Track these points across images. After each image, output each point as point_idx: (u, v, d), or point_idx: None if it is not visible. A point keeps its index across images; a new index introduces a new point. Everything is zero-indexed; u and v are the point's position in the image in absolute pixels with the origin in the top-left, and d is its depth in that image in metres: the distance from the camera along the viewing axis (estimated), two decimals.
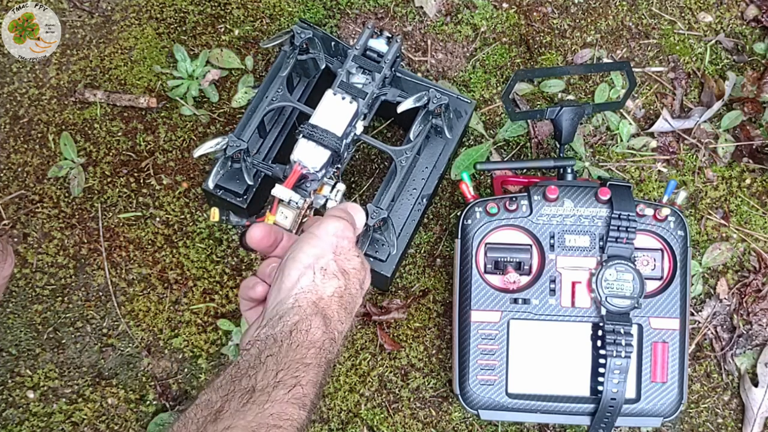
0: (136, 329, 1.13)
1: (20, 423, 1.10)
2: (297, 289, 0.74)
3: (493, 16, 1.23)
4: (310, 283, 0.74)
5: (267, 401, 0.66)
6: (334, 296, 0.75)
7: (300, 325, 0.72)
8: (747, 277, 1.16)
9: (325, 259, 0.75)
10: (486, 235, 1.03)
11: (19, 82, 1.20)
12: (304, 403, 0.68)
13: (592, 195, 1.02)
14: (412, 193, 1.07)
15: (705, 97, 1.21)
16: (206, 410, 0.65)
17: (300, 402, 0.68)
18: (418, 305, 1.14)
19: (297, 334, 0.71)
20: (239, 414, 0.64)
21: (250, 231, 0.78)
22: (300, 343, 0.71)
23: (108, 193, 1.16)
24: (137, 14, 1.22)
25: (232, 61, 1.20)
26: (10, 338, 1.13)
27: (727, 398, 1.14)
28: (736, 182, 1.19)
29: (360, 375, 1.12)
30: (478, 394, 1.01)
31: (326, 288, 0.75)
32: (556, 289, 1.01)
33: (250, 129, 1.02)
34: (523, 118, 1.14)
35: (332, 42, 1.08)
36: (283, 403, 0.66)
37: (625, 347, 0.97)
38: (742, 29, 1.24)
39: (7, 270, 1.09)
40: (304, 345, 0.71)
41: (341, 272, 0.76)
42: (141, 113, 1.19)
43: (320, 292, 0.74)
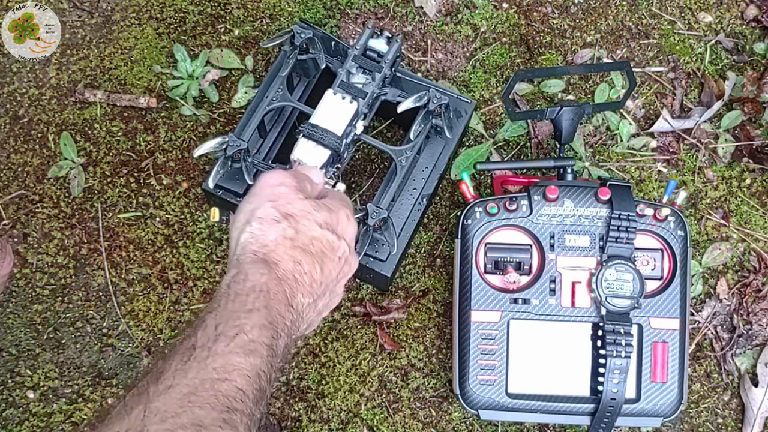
0: (136, 329, 1.13)
1: (20, 423, 1.10)
2: (239, 248, 0.72)
3: (493, 16, 1.23)
4: (249, 236, 0.72)
5: (208, 356, 0.63)
6: (279, 241, 0.72)
7: (237, 276, 0.69)
8: (747, 277, 1.16)
9: (262, 209, 0.74)
10: (486, 235, 1.03)
11: (19, 82, 1.20)
12: (252, 349, 0.65)
13: (592, 195, 1.02)
14: (412, 193, 1.07)
15: (705, 97, 1.21)
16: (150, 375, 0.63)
17: (245, 349, 0.65)
18: (418, 305, 1.14)
19: (235, 285, 0.69)
20: (180, 373, 0.62)
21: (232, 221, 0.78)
22: (238, 292, 0.68)
23: (108, 193, 1.16)
24: (137, 14, 1.22)
25: (232, 61, 1.20)
26: (10, 338, 1.13)
27: (727, 398, 1.14)
28: (736, 182, 1.19)
29: (360, 375, 1.12)
30: (478, 394, 1.01)
31: (267, 234, 0.72)
32: (556, 289, 1.01)
33: (250, 129, 1.02)
34: (523, 118, 1.14)
35: (332, 42, 1.08)
36: (226, 354, 0.64)
37: (625, 347, 0.97)
38: (742, 29, 1.24)
39: (6, 269, 1.10)
40: (243, 293, 0.68)
41: (284, 216, 0.74)
42: (141, 113, 1.19)
43: (261, 240, 0.72)
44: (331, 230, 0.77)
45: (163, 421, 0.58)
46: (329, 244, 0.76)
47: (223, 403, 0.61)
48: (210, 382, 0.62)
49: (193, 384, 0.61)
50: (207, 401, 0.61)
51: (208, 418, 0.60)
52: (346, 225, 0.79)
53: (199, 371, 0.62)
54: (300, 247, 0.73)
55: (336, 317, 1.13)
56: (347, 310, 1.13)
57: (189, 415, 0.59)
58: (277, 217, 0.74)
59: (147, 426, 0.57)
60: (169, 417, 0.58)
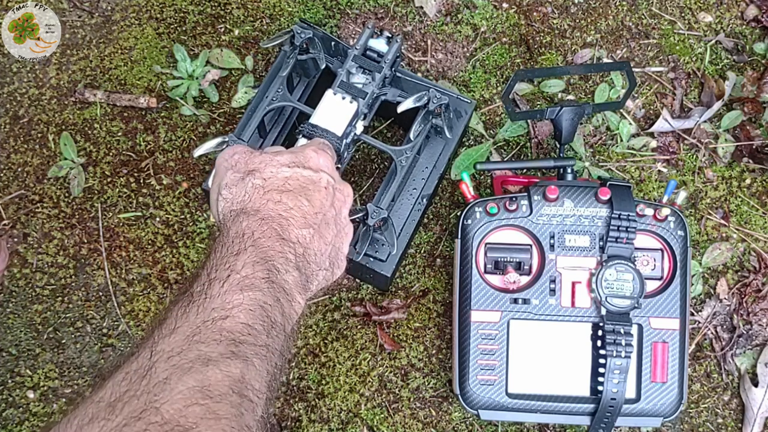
0: (136, 329, 1.13)
1: (20, 423, 1.10)
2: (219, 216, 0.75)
3: (493, 16, 1.23)
4: (223, 203, 0.75)
5: (205, 299, 0.65)
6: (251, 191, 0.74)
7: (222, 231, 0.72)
8: (747, 277, 1.16)
9: (225, 179, 0.76)
10: (486, 235, 1.03)
11: (19, 82, 1.20)
12: (247, 284, 0.66)
13: (592, 195, 1.02)
14: (412, 193, 1.07)
15: (705, 97, 1.21)
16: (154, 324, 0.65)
17: (240, 285, 0.66)
18: (418, 305, 1.14)
19: (220, 239, 0.71)
20: (181, 318, 0.63)
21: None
22: (222, 243, 0.70)
23: (108, 193, 1.16)
24: (137, 14, 1.22)
25: (232, 61, 1.20)
26: (10, 338, 1.13)
27: (727, 398, 1.14)
28: (736, 182, 1.19)
29: (360, 375, 1.12)
30: (478, 394, 1.01)
31: (237, 193, 0.75)
32: (556, 289, 1.01)
33: (250, 129, 1.02)
34: (523, 118, 1.14)
35: (332, 42, 1.08)
36: (222, 294, 0.65)
37: (625, 347, 0.97)
38: (742, 29, 1.24)
39: (1, 265, 1.10)
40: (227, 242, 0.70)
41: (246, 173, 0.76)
42: (141, 113, 1.19)
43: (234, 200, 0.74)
44: (302, 167, 0.78)
45: (169, 358, 0.59)
46: (307, 179, 0.77)
47: (228, 338, 0.62)
48: (212, 320, 0.63)
49: (195, 324, 0.62)
50: (211, 338, 0.62)
51: (214, 353, 0.60)
52: (317, 158, 0.80)
53: (199, 314, 0.64)
54: (275, 189, 0.75)
55: (336, 317, 1.13)
56: (347, 310, 1.13)
57: (195, 352, 0.60)
58: (241, 176, 0.76)
59: (155, 364, 0.58)
60: (175, 355, 0.59)
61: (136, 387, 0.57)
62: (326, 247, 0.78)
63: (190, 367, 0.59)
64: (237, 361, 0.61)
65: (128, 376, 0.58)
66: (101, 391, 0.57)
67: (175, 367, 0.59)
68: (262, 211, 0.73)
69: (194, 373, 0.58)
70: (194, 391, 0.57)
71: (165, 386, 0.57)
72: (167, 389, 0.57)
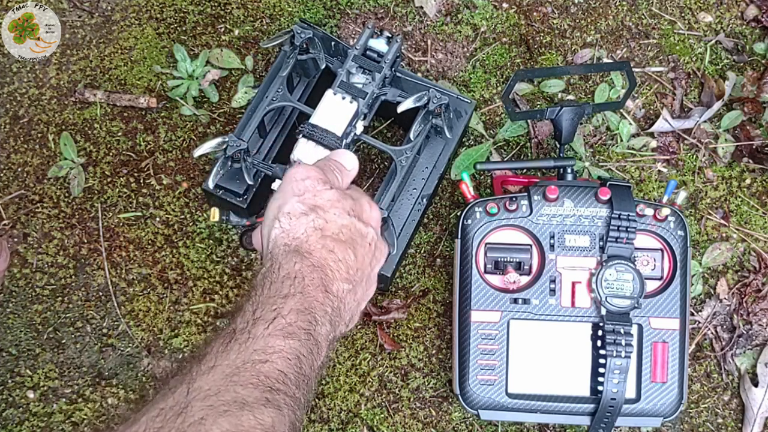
0: (136, 329, 1.13)
1: (20, 423, 1.10)
2: (271, 243, 0.73)
3: (493, 16, 1.23)
4: (279, 231, 0.73)
5: (248, 339, 0.65)
6: (309, 231, 0.73)
7: (272, 267, 0.71)
8: (747, 277, 1.16)
9: (289, 205, 0.75)
10: (486, 235, 1.03)
11: (19, 82, 1.20)
12: (290, 331, 0.66)
13: (592, 195, 1.02)
14: (412, 193, 1.07)
15: (705, 97, 1.21)
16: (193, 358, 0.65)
17: (284, 332, 0.66)
18: (418, 305, 1.14)
19: (270, 275, 0.70)
20: (221, 355, 0.63)
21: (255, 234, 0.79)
22: (273, 281, 0.69)
23: (108, 193, 1.16)
24: (137, 14, 1.22)
25: (232, 61, 1.20)
26: (10, 338, 1.13)
27: (727, 398, 1.14)
28: (736, 182, 1.19)
29: (360, 375, 1.12)
30: (478, 394, 1.01)
31: (297, 228, 0.73)
32: (556, 289, 1.01)
33: (250, 129, 1.02)
34: (523, 118, 1.14)
35: (332, 42, 1.08)
36: (265, 337, 0.65)
37: (625, 347, 0.97)
38: (742, 29, 1.24)
39: (2, 265, 1.10)
40: (279, 281, 0.69)
41: (311, 208, 0.75)
42: (141, 113, 1.19)
43: (292, 234, 0.73)
44: (357, 217, 0.78)
45: (206, 398, 0.59)
46: (358, 231, 0.77)
47: (265, 384, 0.62)
48: (251, 363, 0.63)
49: (234, 364, 0.63)
50: (249, 381, 0.62)
51: (250, 397, 0.61)
52: (370, 212, 0.80)
53: (240, 353, 0.64)
54: (330, 236, 0.74)
55: None
56: None
57: (232, 394, 0.60)
58: (305, 210, 0.75)
59: (191, 402, 0.59)
60: (212, 395, 0.60)
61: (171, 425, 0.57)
62: (355, 303, 0.79)
63: (226, 410, 0.59)
64: (270, 409, 0.61)
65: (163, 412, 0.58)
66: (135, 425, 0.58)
67: (211, 408, 0.59)
68: (314, 255, 0.73)
69: (229, 416, 0.59)
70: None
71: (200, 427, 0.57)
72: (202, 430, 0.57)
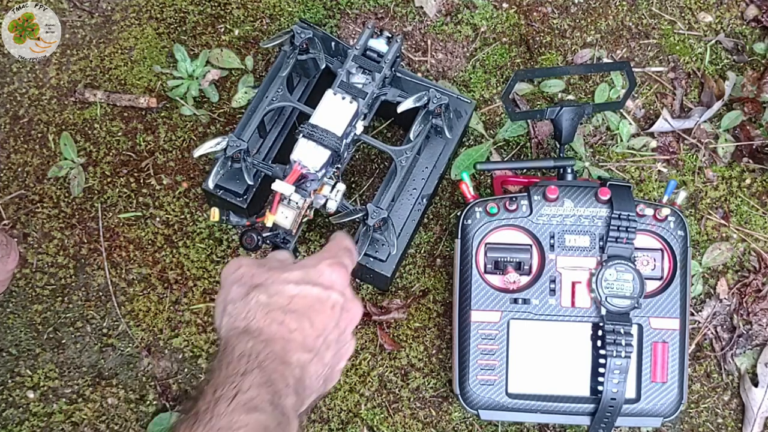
0: (136, 329, 1.13)
1: (20, 423, 1.10)
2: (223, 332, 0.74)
3: (493, 16, 1.23)
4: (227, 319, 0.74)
5: (211, 418, 0.64)
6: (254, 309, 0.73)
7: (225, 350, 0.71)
8: (747, 277, 1.16)
9: (231, 293, 0.75)
10: (486, 235, 1.03)
11: (19, 82, 1.20)
12: (253, 405, 0.66)
13: (592, 195, 1.02)
14: (412, 193, 1.07)
15: (705, 97, 1.21)
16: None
17: (247, 406, 0.66)
18: (418, 305, 1.14)
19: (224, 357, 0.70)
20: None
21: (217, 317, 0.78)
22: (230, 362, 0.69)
23: (108, 193, 1.16)
24: (137, 14, 1.22)
25: (232, 61, 1.20)
26: (10, 338, 1.13)
27: (727, 398, 1.14)
28: (736, 182, 1.19)
29: (360, 375, 1.12)
30: (478, 394, 1.01)
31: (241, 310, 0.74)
32: (556, 289, 1.01)
33: (250, 129, 1.02)
34: (523, 118, 1.14)
35: (332, 42, 1.08)
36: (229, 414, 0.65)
37: (625, 347, 0.97)
38: (742, 29, 1.24)
39: (11, 264, 1.09)
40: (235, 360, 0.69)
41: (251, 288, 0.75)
42: (141, 113, 1.19)
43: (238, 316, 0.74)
44: (311, 284, 0.76)
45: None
46: (314, 298, 0.75)
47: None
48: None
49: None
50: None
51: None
52: (329, 274, 0.78)
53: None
54: (278, 309, 0.74)
55: None
56: None
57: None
58: (246, 291, 0.75)
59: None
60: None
61: None
62: (323, 369, 0.78)
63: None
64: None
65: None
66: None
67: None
68: (264, 332, 0.72)
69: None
70: None
71: None
72: None
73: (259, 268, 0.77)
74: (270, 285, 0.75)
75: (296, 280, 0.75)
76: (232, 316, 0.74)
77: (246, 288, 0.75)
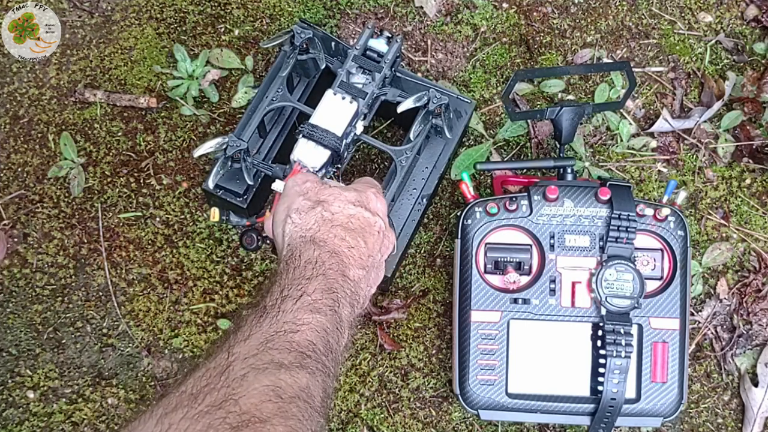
0: (136, 329, 1.13)
1: (20, 423, 1.10)
2: (287, 238, 0.80)
3: (493, 16, 1.23)
4: (292, 226, 0.80)
5: (279, 312, 0.71)
6: (319, 223, 0.79)
7: (292, 255, 0.77)
8: (747, 277, 1.16)
9: (296, 203, 0.81)
10: (486, 235, 1.03)
11: (19, 82, 1.20)
12: (316, 307, 0.72)
13: (592, 195, 1.02)
14: (412, 193, 1.07)
15: (705, 97, 1.21)
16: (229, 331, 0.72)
17: (311, 307, 0.72)
18: (418, 305, 1.14)
19: (291, 262, 0.76)
20: (256, 327, 0.69)
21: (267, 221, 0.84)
22: (296, 266, 0.76)
23: (108, 193, 1.16)
24: (137, 14, 1.22)
25: (232, 61, 1.20)
26: (10, 338, 1.13)
27: (727, 398, 1.14)
28: (736, 182, 1.19)
29: (360, 375, 1.12)
30: (478, 394, 1.01)
31: (307, 221, 0.80)
32: (556, 289, 1.01)
33: (250, 129, 1.02)
34: (523, 118, 1.14)
35: (332, 42, 1.08)
36: (294, 311, 0.71)
37: (625, 347, 0.97)
38: (742, 29, 1.24)
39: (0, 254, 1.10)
40: (301, 266, 0.76)
41: (316, 203, 0.81)
42: (141, 113, 1.19)
43: (304, 226, 0.79)
44: (364, 207, 0.83)
45: (246, 359, 0.65)
46: (366, 220, 0.82)
47: (297, 350, 0.68)
48: (283, 332, 0.69)
49: (268, 333, 0.69)
50: (283, 347, 0.68)
51: (286, 360, 0.66)
52: (375, 202, 0.86)
53: (272, 324, 0.70)
54: (340, 225, 0.80)
55: None
56: None
57: (268, 356, 0.66)
58: (311, 205, 0.81)
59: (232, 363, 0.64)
60: (250, 357, 0.65)
61: (216, 381, 0.62)
62: (368, 289, 0.85)
63: (266, 368, 0.64)
64: (304, 371, 0.67)
65: (208, 372, 0.64)
66: (182, 385, 0.63)
67: (252, 366, 0.64)
68: (329, 244, 0.79)
69: (269, 374, 0.64)
70: (268, 390, 0.63)
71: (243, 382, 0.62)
72: (245, 385, 0.62)
73: (322, 185, 0.84)
74: (333, 202, 0.82)
75: (353, 201, 0.83)
76: (297, 225, 0.80)
77: (312, 202, 0.81)
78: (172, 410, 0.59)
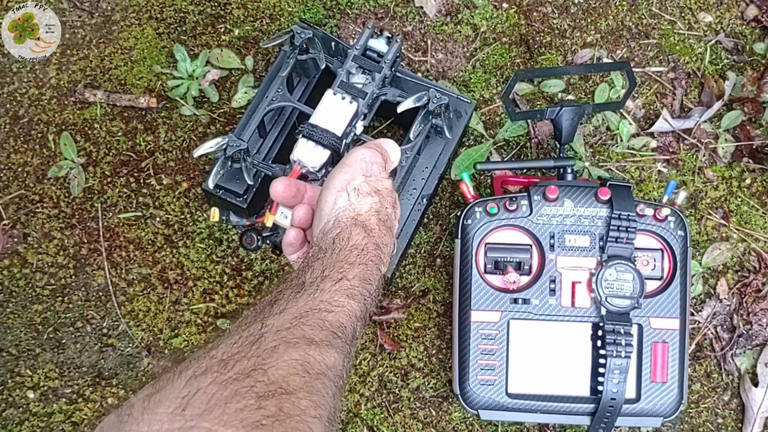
0: (136, 329, 1.13)
1: (20, 423, 1.10)
2: (336, 210, 0.80)
3: (493, 16, 1.23)
4: (346, 202, 0.80)
5: (316, 290, 0.72)
6: (371, 212, 0.81)
7: (341, 234, 0.78)
8: (747, 277, 1.16)
9: (357, 181, 0.82)
10: (486, 235, 1.03)
11: (19, 82, 1.20)
12: (353, 293, 0.74)
13: (592, 195, 1.02)
14: (412, 193, 1.07)
15: (705, 97, 1.21)
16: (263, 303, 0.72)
17: (348, 292, 0.73)
18: (418, 305, 1.14)
19: (339, 241, 0.77)
20: (292, 302, 0.70)
21: (274, 185, 0.84)
22: (342, 247, 0.77)
23: (108, 193, 1.16)
24: (137, 14, 1.22)
25: (232, 61, 1.20)
26: (10, 338, 1.13)
27: (727, 398, 1.14)
28: (736, 182, 1.19)
29: (360, 375, 1.12)
30: (478, 394, 1.01)
31: (362, 205, 0.81)
32: (556, 289, 1.01)
33: (250, 129, 1.02)
34: (523, 118, 1.14)
35: (332, 42, 1.08)
36: (332, 292, 0.72)
37: (625, 347, 0.97)
38: (742, 29, 1.24)
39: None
40: (346, 249, 0.77)
41: (374, 191, 0.82)
42: (141, 113, 1.19)
43: (357, 209, 0.80)
44: (396, 210, 0.86)
45: (278, 332, 0.66)
46: (392, 222, 0.84)
47: (329, 329, 0.69)
48: (318, 311, 0.70)
49: (303, 309, 0.69)
50: (316, 324, 0.69)
51: (317, 337, 0.67)
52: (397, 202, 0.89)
53: (308, 301, 0.71)
54: (383, 222, 0.82)
55: None
56: None
57: (300, 331, 0.67)
58: (369, 191, 0.82)
59: (264, 334, 0.65)
60: (283, 330, 0.66)
61: (247, 350, 0.63)
62: None
63: (296, 342, 0.65)
64: (333, 350, 0.68)
65: (240, 340, 0.64)
66: (214, 350, 0.63)
67: (283, 339, 0.65)
68: (375, 236, 0.80)
69: (299, 349, 0.65)
70: (297, 364, 0.63)
71: (273, 353, 0.63)
72: (275, 356, 0.63)
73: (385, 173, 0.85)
74: (385, 197, 0.83)
75: (393, 203, 0.85)
76: (352, 204, 0.81)
77: (371, 188, 0.82)
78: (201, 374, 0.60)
